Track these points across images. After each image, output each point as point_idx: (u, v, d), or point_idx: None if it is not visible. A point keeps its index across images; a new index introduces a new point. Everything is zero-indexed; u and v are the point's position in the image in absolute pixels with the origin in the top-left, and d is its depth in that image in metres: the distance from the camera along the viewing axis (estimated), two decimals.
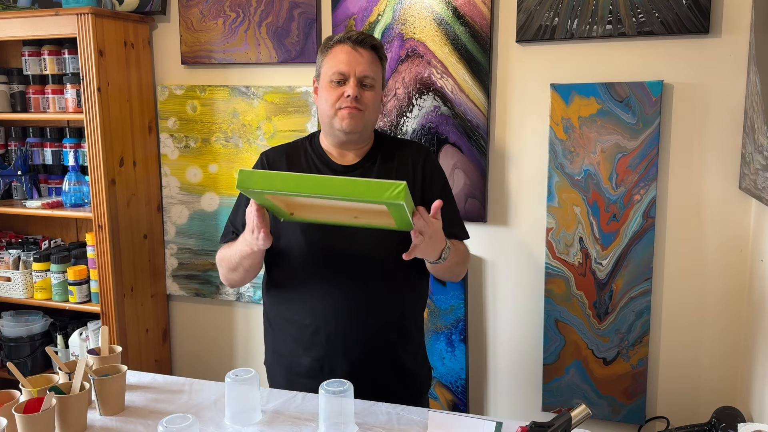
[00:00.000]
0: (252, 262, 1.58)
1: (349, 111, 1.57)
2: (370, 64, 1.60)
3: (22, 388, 1.42)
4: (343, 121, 1.58)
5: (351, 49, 1.59)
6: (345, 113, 1.57)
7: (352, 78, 1.58)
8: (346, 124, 1.58)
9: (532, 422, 1.28)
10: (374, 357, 1.65)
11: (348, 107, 1.57)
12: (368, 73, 1.59)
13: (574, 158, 2.12)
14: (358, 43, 1.60)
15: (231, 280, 1.67)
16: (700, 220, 2.06)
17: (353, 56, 1.59)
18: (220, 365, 2.74)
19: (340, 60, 1.59)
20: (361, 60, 1.59)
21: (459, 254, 1.63)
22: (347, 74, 1.58)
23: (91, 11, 2.32)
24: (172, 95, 2.61)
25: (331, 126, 1.62)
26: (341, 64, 1.58)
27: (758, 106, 1.74)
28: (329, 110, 1.60)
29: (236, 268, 1.61)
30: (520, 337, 2.31)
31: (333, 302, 1.60)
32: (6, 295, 2.66)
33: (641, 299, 2.11)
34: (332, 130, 1.63)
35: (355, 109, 1.57)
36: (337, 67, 1.59)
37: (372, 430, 1.40)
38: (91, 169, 2.42)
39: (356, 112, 1.57)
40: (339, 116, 1.58)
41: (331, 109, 1.59)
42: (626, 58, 2.06)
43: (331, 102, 1.59)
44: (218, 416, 1.46)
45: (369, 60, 1.60)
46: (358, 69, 1.58)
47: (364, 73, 1.59)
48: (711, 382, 2.11)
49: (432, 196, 1.65)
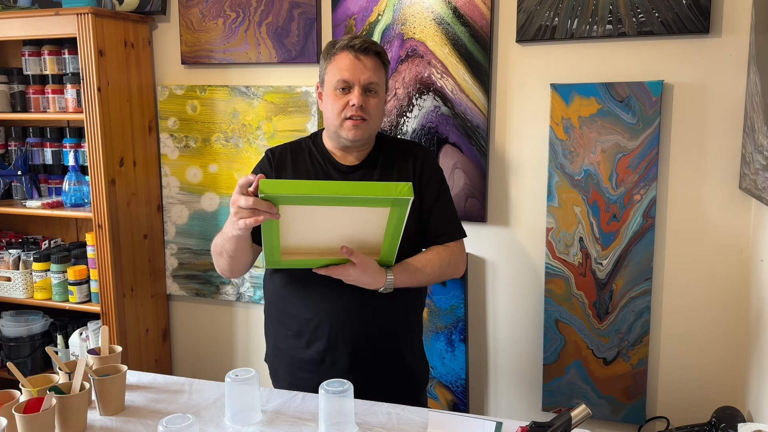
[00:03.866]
0: (235, 247, 1.55)
1: (353, 123, 1.59)
2: (374, 71, 1.61)
3: (22, 388, 1.42)
4: (349, 131, 1.60)
5: (354, 58, 1.60)
6: (350, 124, 1.59)
7: (357, 87, 1.59)
8: (352, 135, 1.60)
9: (532, 422, 1.28)
10: (375, 351, 1.67)
11: (353, 119, 1.59)
12: (373, 80, 1.61)
13: (574, 158, 2.12)
14: (362, 51, 1.61)
15: (220, 267, 1.66)
16: (700, 220, 2.06)
17: (357, 64, 1.60)
18: (220, 365, 2.74)
19: (344, 68, 1.60)
20: (364, 68, 1.60)
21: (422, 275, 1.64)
22: (352, 83, 1.59)
23: (91, 11, 2.32)
24: (172, 95, 2.61)
25: (338, 135, 1.64)
26: (345, 72, 1.59)
27: (758, 106, 1.74)
28: (335, 119, 1.61)
29: (221, 252, 1.61)
30: (520, 337, 2.31)
31: (334, 296, 1.62)
32: (6, 295, 2.66)
33: (641, 299, 2.11)
34: (338, 138, 1.65)
35: (360, 119, 1.59)
36: (341, 74, 1.60)
37: (372, 430, 1.40)
38: (91, 169, 2.42)
39: (361, 123, 1.60)
40: (345, 127, 1.60)
41: (336, 118, 1.61)
42: (626, 58, 2.06)
43: (336, 111, 1.61)
44: (218, 416, 1.46)
45: (373, 67, 1.61)
46: (363, 77, 1.59)
47: (369, 80, 1.60)
48: (711, 382, 2.11)
49: (428, 194, 1.68)
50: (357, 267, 1.52)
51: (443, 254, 1.67)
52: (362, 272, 1.53)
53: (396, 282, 1.58)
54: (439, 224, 1.69)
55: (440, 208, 1.70)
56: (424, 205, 1.68)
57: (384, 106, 1.69)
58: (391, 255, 1.55)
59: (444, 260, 1.67)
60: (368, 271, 1.53)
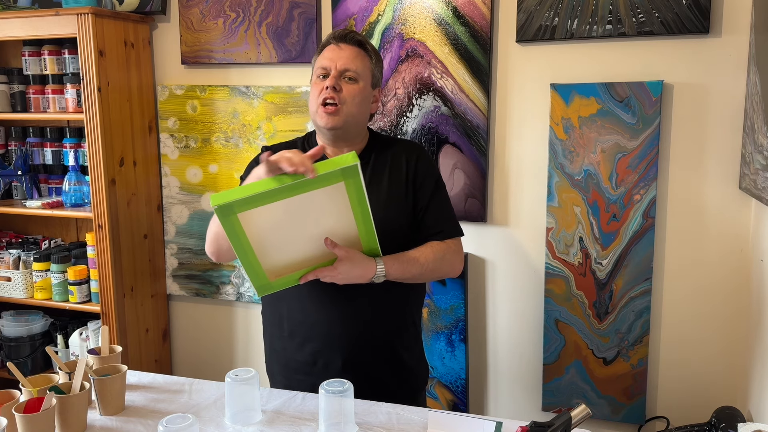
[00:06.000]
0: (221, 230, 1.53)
1: (325, 110, 1.60)
2: (352, 59, 1.63)
3: (22, 388, 1.42)
4: (322, 118, 1.61)
5: (334, 46, 1.65)
6: (323, 111, 1.60)
7: (333, 71, 1.62)
8: (324, 122, 1.61)
9: (532, 422, 1.28)
10: (369, 352, 1.65)
11: (326, 105, 1.59)
12: (349, 66, 1.62)
13: (574, 158, 2.12)
14: (341, 39, 1.65)
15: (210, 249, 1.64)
16: (700, 220, 2.06)
17: (335, 52, 1.64)
18: (220, 365, 2.74)
19: (324, 57, 1.65)
20: (342, 54, 1.63)
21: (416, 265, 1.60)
22: (329, 68, 1.62)
23: (91, 11, 2.32)
24: (172, 95, 2.61)
25: (317, 124, 1.65)
26: (325, 59, 1.64)
27: (758, 106, 1.74)
28: (313, 105, 1.64)
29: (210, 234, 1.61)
30: (520, 337, 2.31)
31: (327, 297, 1.61)
32: (6, 295, 2.66)
33: (641, 299, 2.11)
34: (319, 129, 1.66)
35: (332, 105, 1.59)
36: (320, 63, 1.64)
37: (372, 430, 1.40)
38: (91, 169, 2.42)
39: (333, 110, 1.59)
40: (319, 113, 1.61)
41: (314, 104, 1.63)
42: (626, 58, 2.06)
43: (314, 97, 1.63)
44: (218, 416, 1.46)
45: (350, 55, 1.63)
46: (339, 63, 1.62)
47: (345, 66, 1.62)
48: (711, 382, 2.11)
49: (423, 193, 1.67)
50: (344, 260, 1.48)
51: (437, 248, 1.64)
52: (350, 264, 1.49)
53: (388, 270, 1.55)
54: (434, 222, 1.67)
55: (436, 206, 1.68)
56: (419, 203, 1.66)
57: (370, 97, 1.68)
58: (372, 241, 1.51)
59: (438, 254, 1.63)
60: (356, 261, 1.50)
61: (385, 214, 1.59)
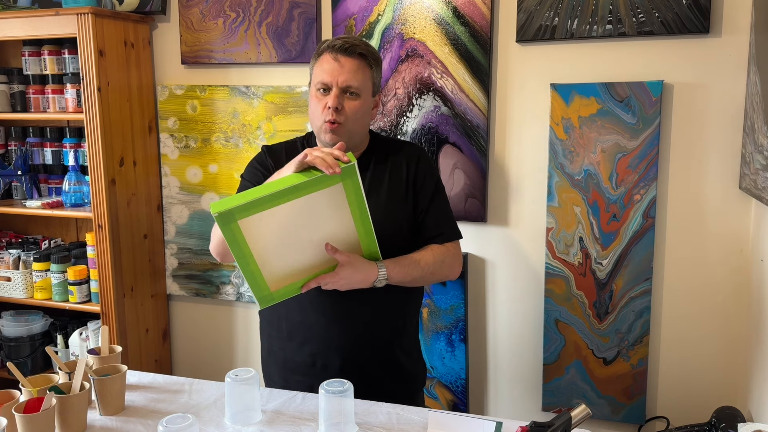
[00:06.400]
0: None
1: (330, 127, 1.58)
2: (353, 73, 1.58)
3: (22, 388, 1.42)
4: (326, 135, 1.59)
5: (333, 59, 1.58)
6: (327, 127, 1.58)
7: (335, 88, 1.58)
8: (329, 138, 1.59)
9: (532, 422, 1.28)
10: (368, 353, 1.65)
11: (329, 122, 1.57)
12: (351, 83, 1.58)
13: (574, 158, 2.12)
14: (343, 52, 1.59)
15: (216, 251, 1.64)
16: (700, 220, 2.06)
17: (335, 66, 1.58)
18: (220, 365, 2.74)
19: (324, 69, 1.59)
20: (343, 70, 1.58)
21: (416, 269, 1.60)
22: (330, 84, 1.58)
23: (91, 11, 2.32)
24: (172, 95, 2.61)
25: (319, 137, 1.64)
26: (324, 74, 1.59)
27: (758, 106, 1.74)
28: (316, 121, 1.61)
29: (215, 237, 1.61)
30: (520, 337, 2.31)
31: (326, 297, 1.60)
32: (6, 295, 2.66)
33: (641, 299, 2.11)
34: (320, 141, 1.65)
35: (336, 123, 1.57)
36: (321, 77, 1.59)
37: (372, 430, 1.40)
38: (91, 169, 2.42)
39: (336, 127, 1.58)
40: (323, 130, 1.60)
41: (317, 120, 1.61)
42: (626, 58, 2.06)
43: (317, 113, 1.60)
44: (218, 416, 1.46)
45: (352, 69, 1.59)
46: (341, 79, 1.57)
47: (347, 83, 1.58)
48: (711, 382, 2.11)
49: (423, 195, 1.66)
50: (345, 266, 1.48)
51: (438, 251, 1.65)
52: (352, 269, 1.49)
53: (389, 273, 1.55)
54: (434, 224, 1.67)
55: (435, 208, 1.67)
56: (419, 205, 1.66)
57: (370, 107, 1.66)
58: (372, 244, 1.51)
59: (438, 257, 1.64)
60: (357, 265, 1.50)
61: (385, 216, 1.59)
